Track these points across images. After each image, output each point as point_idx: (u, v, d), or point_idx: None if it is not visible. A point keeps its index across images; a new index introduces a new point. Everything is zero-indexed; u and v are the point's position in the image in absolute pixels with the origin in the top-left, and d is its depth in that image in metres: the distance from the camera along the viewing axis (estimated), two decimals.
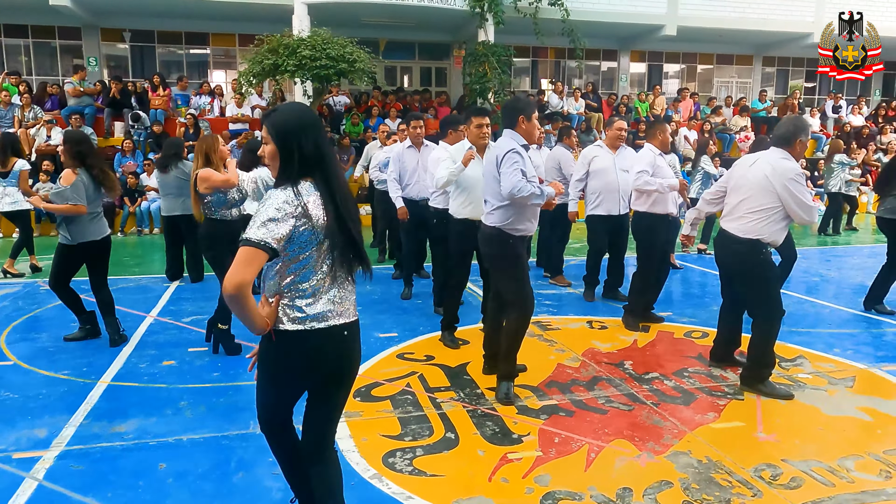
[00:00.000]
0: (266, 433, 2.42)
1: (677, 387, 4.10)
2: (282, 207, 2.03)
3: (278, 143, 2.13)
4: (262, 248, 1.99)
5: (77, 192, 4.69)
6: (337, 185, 2.15)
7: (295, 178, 2.11)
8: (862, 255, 9.37)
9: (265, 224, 2.01)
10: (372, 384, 4.15)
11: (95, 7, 14.04)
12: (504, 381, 3.94)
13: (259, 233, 1.99)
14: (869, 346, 4.97)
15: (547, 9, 14.26)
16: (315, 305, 2.17)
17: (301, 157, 2.10)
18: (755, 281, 3.94)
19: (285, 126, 2.13)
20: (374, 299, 6.48)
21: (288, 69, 10.95)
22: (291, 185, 2.09)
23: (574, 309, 6.09)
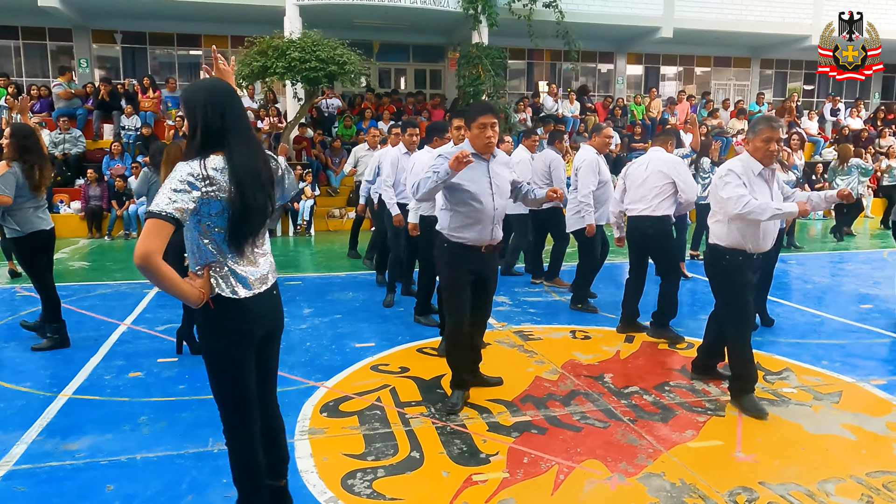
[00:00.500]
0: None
1: (657, 402, 3.96)
2: (185, 179, 2.08)
3: (186, 116, 2.20)
4: (166, 218, 2.02)
5: (6, 184, 4.63)
6: (241, 157, 2.18)
7: (201, 150, 2.15)
8: (857, 262, 9.22)
9: (168, 195, 2.05)
10: (341, 398, 4.02)
11: (86, 8, 13.94)
12: (453, 390, 3.89)
13: (162, 204, 2.03)
14: (858, 358, 4.82)
15: (541, 11, 14.15)
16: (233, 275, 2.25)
17: (206, 129, 2.15)
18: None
19: (191, 100, 2.19)
20: (356, 307, 6.35)
21: (277, 71, 10.83)
22: (199, 158, 2.14)
23: (558, 318, 5.95)
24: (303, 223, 11.66)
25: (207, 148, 2.15)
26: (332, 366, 4.64)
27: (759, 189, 3.73)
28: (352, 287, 7.29)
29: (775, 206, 3.61)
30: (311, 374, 4.47)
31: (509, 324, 5.72)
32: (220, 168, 2.15)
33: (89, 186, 11.29)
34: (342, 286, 7.34)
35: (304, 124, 13.35)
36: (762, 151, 3.70)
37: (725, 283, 3.87)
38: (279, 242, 10.99)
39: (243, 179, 2.16)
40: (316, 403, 3.94)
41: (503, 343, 5.14)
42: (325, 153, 13.28)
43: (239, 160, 2.17)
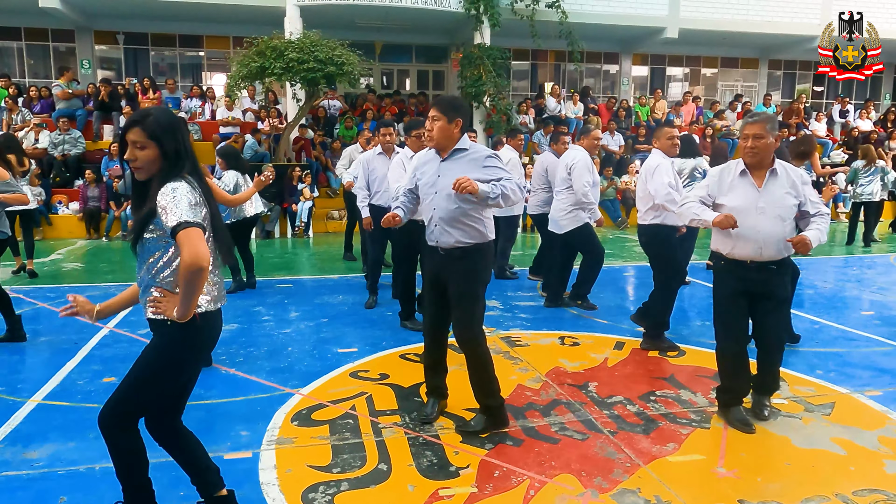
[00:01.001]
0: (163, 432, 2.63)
1: (640, 412, 3.82)
2: (193, 195, 2.23)
3: (165, 143, 2.25)
4: (201, 227, 2.18)
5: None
6: (201, 179, 2.36)
7: (181, 173, 2.28)
8: (862, 266, 9.02)
9: (192, 208, 2.19)
10: (315, 406, 3.91)
11: (88, 9, 13.96)
12: (427, 398, 3.79)
13: (191, 215, 2.16)
14: (855, 367, 4.66)
15: (544, 11, 14.02)
16: (217, 287, 2.44)
17: (185, 153, 2.29)
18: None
19: (169, 127, 2.28)
20: (343, 311, 6.25)
21: (275, 72, 10.76)
22: (181, 179, 2.25)
23: (548, 323, 5.81)
24: (301, 225, 11.59)
25: (183, 169, 2.29)
26: (310, 372, 4.54)
27: (736, 190, 3.57)
28: (343, 290, 7.19)
29: (694, 212, 3.60)
30: (288, 380, 4.36)
31: (497, 329, 5.60)
32: (197, 188, 2.31)
33: (87, 187, 11.28)
34: (333, 289, 7.24)
35: (305, 125, 13.28)
36: (741, 149, 3.57)
37: (713, 290, 3.73)
38: (276, 244, 10.92)
39: (211, 199, 2.36)
40: (288, 412, 3.83)
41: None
42: (325, 154, 13.20)
43: (201, 181, 2.34)
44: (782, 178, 3.53)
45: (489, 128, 13.76)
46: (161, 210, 2.17)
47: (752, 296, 3.58)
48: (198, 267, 2.10)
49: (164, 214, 2.17)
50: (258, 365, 4.68)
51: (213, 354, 4.89)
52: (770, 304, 3.54)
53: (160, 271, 2.32)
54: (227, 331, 5.52)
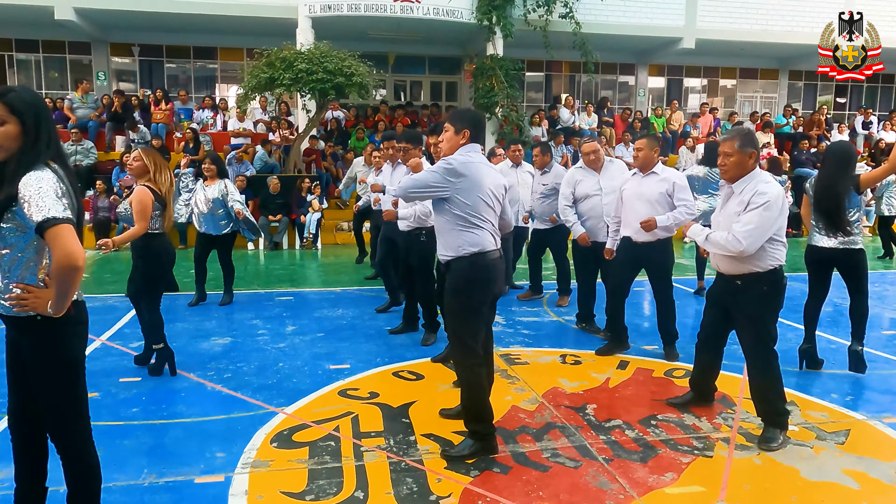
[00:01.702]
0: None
1: (639, 438, 3.60)
2: (59, 186, 2.07)
3: (26, 120, 2.09)
4: (71, 222, 2.04)
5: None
6: (66, 167, 2.20)
7: (45, 159, 2.11)
8: (887, 283, 8.67)
9: (58, 200, 2.03)
10: (298, 427, 3.75)
11: (104, 22, 14.10)
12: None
13: (59, 209, 2.01)
14: (873, 391, 4.39)
15: (558, 22, 13.87)
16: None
17: (49, 136, 2.14)
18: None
19: (35, 104, 2.14)
20: (342, 325, 6.10)
21: (284, 83, 10.73)
22: (44, 167, 2.09)
23: (550, 340, 5.60)
24: (309, 236, 11.49)
25: (46, 155, 2.11)
26: (299, 389, 4.38)
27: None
28: (344, 303, 7.04)
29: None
30: (274, 398, 4.21)
31: (497, 346, 5.39)
32: (64, 178, 2.13)
33: (98, 198, 11.30)
34: (334, 302, 7.09)
35: (316, 137, 13.24)
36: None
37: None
38: (284, 255, 10.83)
39: (76, 190, 2.19)
40: (270, 432, 3.67)
41: None
42: (335, 165, 13.13)
43: (68, 171, 2.18)
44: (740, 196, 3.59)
45: (501, 139, 13.60)
46: (24, 201, 2.02)
47: (726, 309, 3.69)
48: (73, 266, 2.01)
49: (27, 207, 2.01)
50: (246, 381, 4.54)
51: (202, 369, 4.77)
52: (738, 321, 3.62)
53: (16, 267, 2.16)
54: (219, 345, 5.41)
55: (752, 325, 3.56)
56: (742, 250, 3.40)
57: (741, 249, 3.40)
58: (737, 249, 3.41)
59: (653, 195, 4.82)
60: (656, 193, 4.81)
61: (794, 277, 6.04)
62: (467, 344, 3.33)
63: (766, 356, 3.57)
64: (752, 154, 3.48)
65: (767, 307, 3.54)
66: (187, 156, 6.43)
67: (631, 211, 4.91)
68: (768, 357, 3.57)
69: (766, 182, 3.43)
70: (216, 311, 6.57)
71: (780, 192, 3.42)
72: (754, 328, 3.55)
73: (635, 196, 4.89)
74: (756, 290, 3.50)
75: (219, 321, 6.23)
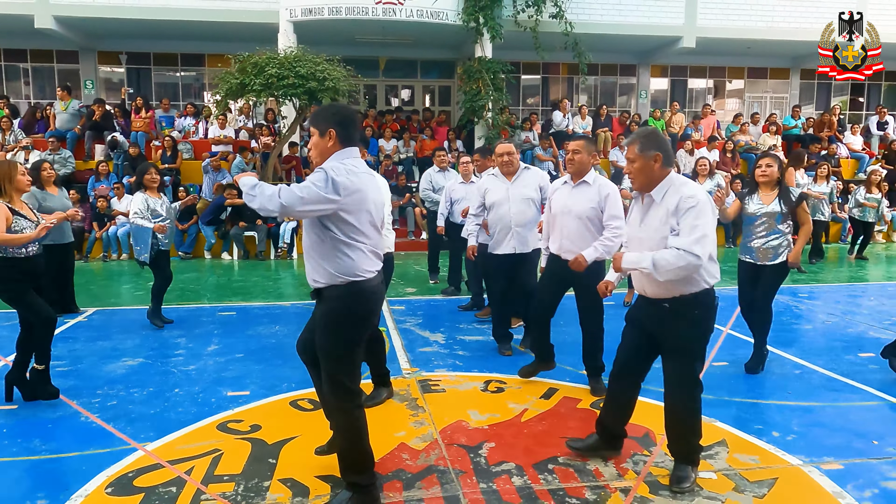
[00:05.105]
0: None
1: (524, 487, 3.11)
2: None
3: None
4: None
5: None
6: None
7: None
8: (881, 296, 8.00)
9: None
10: (150, 467, 3.34)
11: (89, 30, 14.00)
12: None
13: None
14: (824, 428, 3.83)
15: (549, 22, 13.37)
16: None
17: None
18: None
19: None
20: (270, 343, 5.74)
21: (254, 89, 10.42)
22: None
23: (485, 363, 5.11)
24: (284, 246, 11.16)
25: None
26: (179, 420, 3.99)
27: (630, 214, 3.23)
28: (286, 319, 6.66)
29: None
30: (145, 430, 3.82)
31: (421, 370, 4.95)
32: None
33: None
34: (276, 318, 6.71)
35: (297, 143, 12.93)
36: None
37: None
38: (255, 266, 10.48)
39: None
40: (114, 474, 3.28)
41: (395, 396, 4.37)
42: None
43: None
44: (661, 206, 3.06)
45: (488, 144, 13.13)
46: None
47: (650, 335, 3.18)
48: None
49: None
50: (127, 410, 4.16)
51: (90, 395, 4.41)
52: (664, 349, 3.14)
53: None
54: (124, 367, 5.06)
55: (680, 355, 3.07)
56: (700, 264, 2.89)
57: (699, 263, 2.88)
58: (696, 264, 2.87)
59: (583, 210, 4.24)
60: (587, 208, 4.24)
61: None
62: (345, 386, 2.86)
63: (691, 388, 3.10)
64: (656, 157, 3.02)
65: (699, 333, 3.06)
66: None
67: (558, 227, 4.36)
68: (693, 390, 3.10)
69: (686, 184, 3.01)
70: (145, 329, 6.22)
71: (706, 194, 2.96)
72: (683, 357, 3.07)
73: (564, 210, 4.31)
74: (687, 315, 3.02)
75: (142, 339, 5.88)
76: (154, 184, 6.25)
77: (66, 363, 5.13)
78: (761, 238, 4.73)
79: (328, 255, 2.79)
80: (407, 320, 6.56)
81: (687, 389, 3.09)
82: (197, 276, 9.45)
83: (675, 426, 3.16)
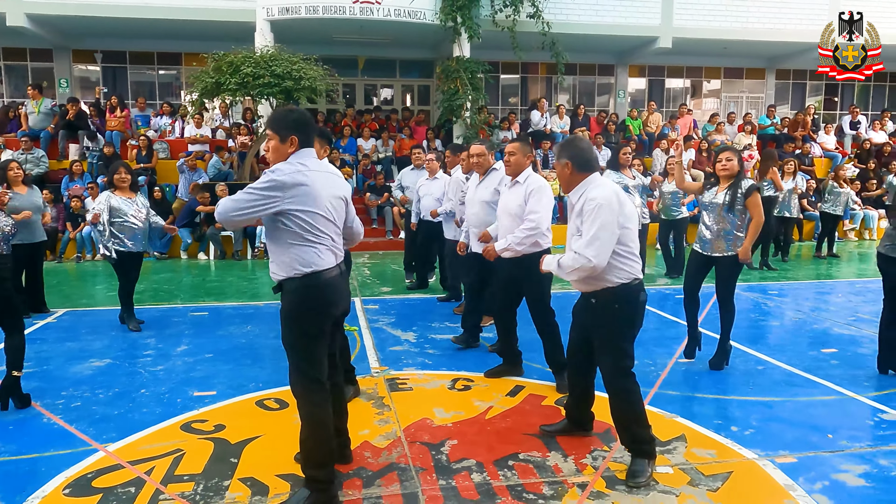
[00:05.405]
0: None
1: (483, 483, 3.14)
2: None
3: None
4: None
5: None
6: None
7: None
8: (848, 292, 8.14)
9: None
10: (110, 468, 3.33)
11: (65, 29, 13.85)
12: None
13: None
14: (782, 422, 3.90)
15: (526, 22, 13.43)
16: None
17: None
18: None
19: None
20: (240, 343, 5.72)
21: (230, 88, 10.37)
22: None
23: (454, 362, 5.13)
24: (261, 245, 11.11)
25: None
26: (143, 421, 3.97)
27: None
28: (258, 319, 6.64)
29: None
30: (107, 431, 3.80)
31: (390, 368, 4.97)
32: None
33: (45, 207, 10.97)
34: (248, 318, 6.69)
35: None
36: None
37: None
38: (231, 266, 10.43)
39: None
40: (73, 475, 3.26)
41: (362, 395, 4.38)
42: None
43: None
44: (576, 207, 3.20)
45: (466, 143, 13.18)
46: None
47: (586, 326, 3.32)
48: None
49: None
50: (91, 411, 4.14)
51: (54, 396, 4.38)
52: (595, 341, 3.27)
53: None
54: (91, 368, 5.02)
55: (606, 347, 3.21)
56: (594, 266, 3.02)
57: (593, 265, 3.02)
58: (589, 266, 3.03)
59: (514, 209, 4.41)
60: (516, 206, 4.39)
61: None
62: (309, 375, 2.90)
63: (623, 379, 3.21)
64: (567, 164, 3.22)
65: (620, 325, 3.17)
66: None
67: (500, 225, 4.58)
68: (624, 380, 3.21)
69: (596, 186, 3.12)
70: (114, 329, 6.18)
71: (611, 195, 3.06)
72: (608, 350, 3.20)
73: (502, 209, 4.53)
74: (609, 309, 3.15)
75: (111, 340, 5.84)
76: (124, 183, 6.20)
77: (32, 364, 5.06)
78: (711, 228, 4.77)
79: (284, 249, 2.86)
80: (380, 319, 6.57)
81: (620, 380, 3.20)
82: (172, 277, 9.38)
83: (617, 416, 3.27)
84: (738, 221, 4.69)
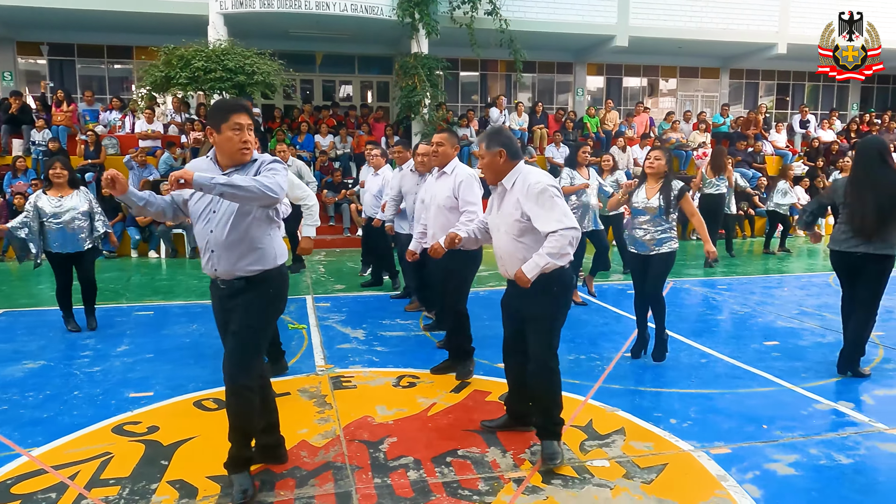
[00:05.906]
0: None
1: (419, 481, 3.11)
2: None
3: None
4: None
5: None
6: None
7: None
8: (794, 286, 8.34)
9: None
10: (32, 473, 3.20)
11: (8, 19, 13.35)
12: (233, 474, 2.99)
13: None
14: (718, 414, 3.96)
15: (484, 19, 13.44)
16: None
17: None
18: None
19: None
20: (184, 343, 5.58)
21: (180, 82, 10.12)
22: None
23: (403, 358, 5.08)
24: None
25: None
26: (72, 424, 3.83)
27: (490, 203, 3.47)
28: (206, 317, 6.46)
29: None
30: (33, 436, 3.65)
31: (335, 367, 4.89)
32: None
33: None
34: (195, 317, 6.53)
35: None
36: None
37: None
38: (182, 264, 10.19)
39: None
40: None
41: (304, 393, 4.31)
42: None
43: None
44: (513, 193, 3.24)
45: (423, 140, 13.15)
46: None
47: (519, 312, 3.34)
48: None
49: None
50: (18, 415, 3.97)
51: None
52: (527, 323, 3.29)
53: None
54: (23, 370, 4.83)
55: (539, 326, 3.24)
56: (577, 229, 3.10)
57: (576, 229, 3.10)
58: (574, 232, 3.09)
59: (441, 200, 4.51)
60: (444, 197, 4.48)
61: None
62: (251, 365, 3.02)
63: (553, 361, 3.26)
64: (500, 153, 3.25)
65: (556, 306, 3.22)
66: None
67: (428, 216, 4.67)
68: (550, 360, 3.25)
69: (530, 172, 3.24)
70: (53, 330, 5.97)
71: (548, 177, 3.20)
72: (541, 328, 3.23)
73: (430, 200, 4.62)
74: (547, 291, 3.18)
75: (47, 341, 5.63)
76: (59, 179, 5.96)
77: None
78: (645, 229, 4.79)
79: (268, 241, 2.96)
80: (330, 317, 6.48)
81: (551, 361, 3.24)
82: (119, 276, 9.12)
83: (541, 398, 3.29)
84: (669, 220, 4.73)
